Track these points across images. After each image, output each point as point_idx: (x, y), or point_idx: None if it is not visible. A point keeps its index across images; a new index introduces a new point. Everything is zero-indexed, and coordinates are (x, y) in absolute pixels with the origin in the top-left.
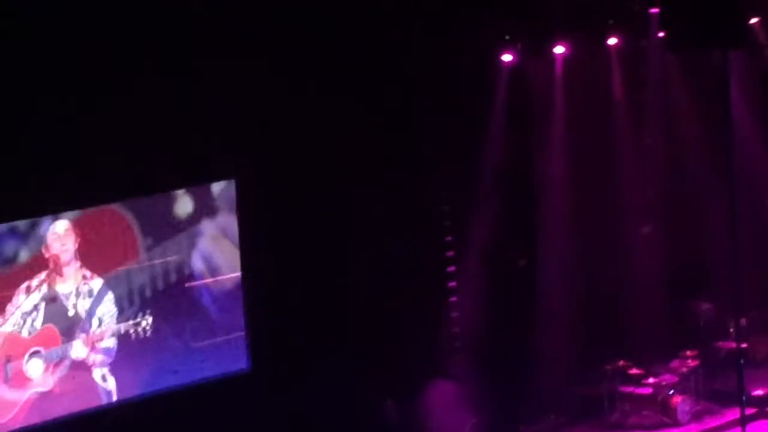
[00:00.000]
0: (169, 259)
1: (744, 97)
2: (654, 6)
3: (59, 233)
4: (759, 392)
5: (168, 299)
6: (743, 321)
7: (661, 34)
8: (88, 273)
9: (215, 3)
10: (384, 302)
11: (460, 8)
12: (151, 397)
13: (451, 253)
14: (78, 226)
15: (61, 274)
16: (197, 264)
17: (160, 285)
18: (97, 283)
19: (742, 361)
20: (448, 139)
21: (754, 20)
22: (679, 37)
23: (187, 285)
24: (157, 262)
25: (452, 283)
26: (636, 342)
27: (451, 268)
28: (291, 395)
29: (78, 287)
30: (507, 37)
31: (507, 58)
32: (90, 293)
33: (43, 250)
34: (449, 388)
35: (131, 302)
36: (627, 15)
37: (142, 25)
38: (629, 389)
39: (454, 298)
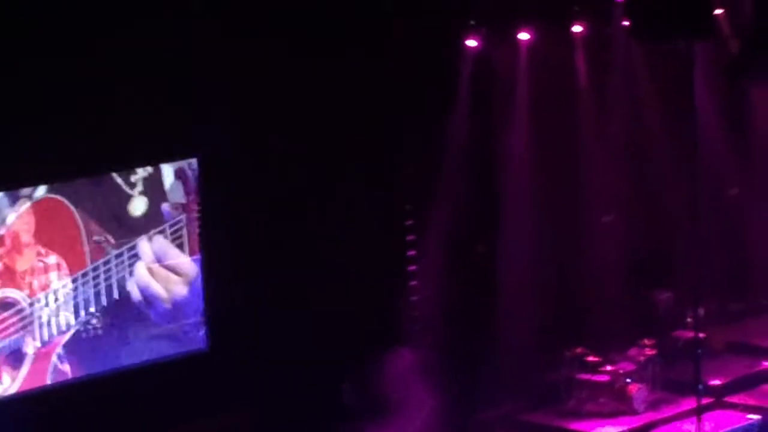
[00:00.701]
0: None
1: (708, 87)
2: None
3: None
4: (716, 382)
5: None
6: (701, 311)
7: (626, 23)
8: (43, 251)
9: None
10: (343, 284)
11: None
12: (108, 376)
13: (411, 237)
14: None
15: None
16: (134, 291)
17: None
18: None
19: (699, 351)
20: (410, 124)
21: (718, 11)
22: (644, 26)
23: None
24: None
25: (412, 267)
26: (594, 330)
27: (412, 252)
28: (249, 376)
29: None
30: (472, 23)
31: (471, 43)
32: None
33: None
34: (406, 369)
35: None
36: (592, 2)
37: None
38: (586, 376)
39: (413, 282)
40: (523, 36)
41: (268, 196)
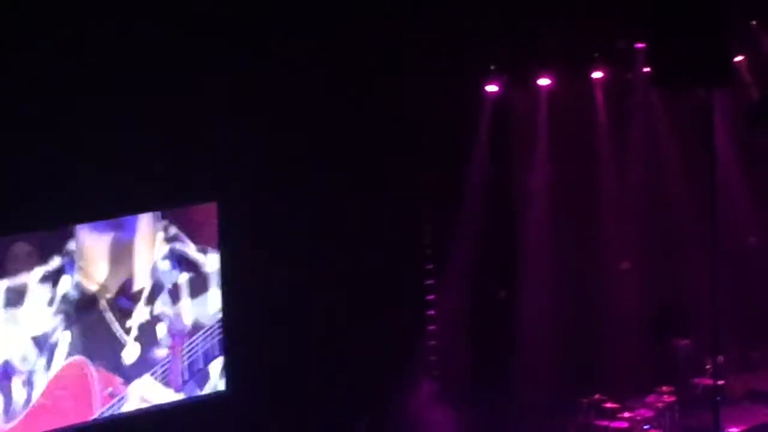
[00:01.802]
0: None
1: (728, 135)
2: (640, 41)
3: None
4: (734, 430)
5: None
6: (720, 358)
7: (646, 69)
8: None
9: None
10: (361, 327)
11: (447, 38)
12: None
13: (430, 281)
14: None
15: None
16: None
17: None
18: None
19: (718, 399)
20: (430, 167)
21: (738, 58)
22: (665, 73)
23: None
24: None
25: (431, 312)
26: (612, 376)
27: (431, 296)
28: (267, 417)
29: None
30: (492, 68)
31: (492, 88)
32: None
33: None
34: (422, 418)
35: None
36: (612, 49)
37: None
38: (604, 423)
39: (432, 327)
40: (543, 81)
41: (287, 240)
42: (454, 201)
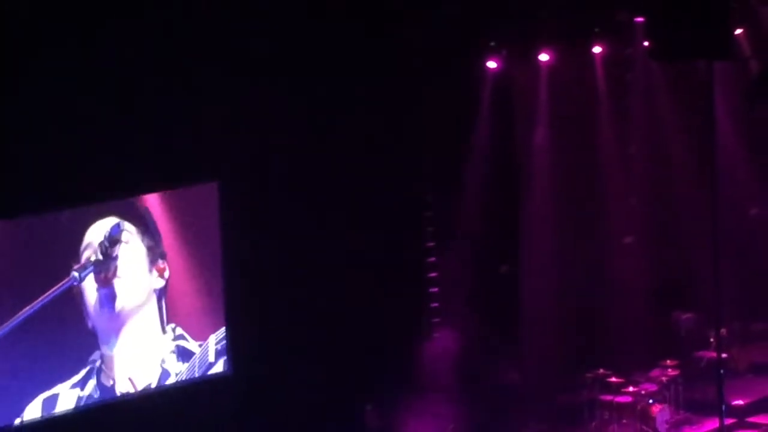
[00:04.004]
0: None
1: (727, 107)
2: (639, 15)
3: None
4: (738, 402)
5: None
6: (723, 331)
7: (645, 43)
8: None
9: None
10: (364, 307)
11: (447, 14)
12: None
13: (432, 259)
14: None
15: None
16: None
17: None
18: None
19: (722, 371)
20: (432, 146)
21: (738, 31)
22: (664, 47)
23: None
24: None
25: (433, 289)
26: (616, 351)
27: (433, 274)
28: (271, 399)
29: None
30: (492, 44)
31: (492, 64)
32: None
33: None
34: (429, 396)
35: None
36: (612, 24)
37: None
38: (609, 398)
39: (434, 304)
40: (544, 57)
41: (288, 224)
42: (456, 178)
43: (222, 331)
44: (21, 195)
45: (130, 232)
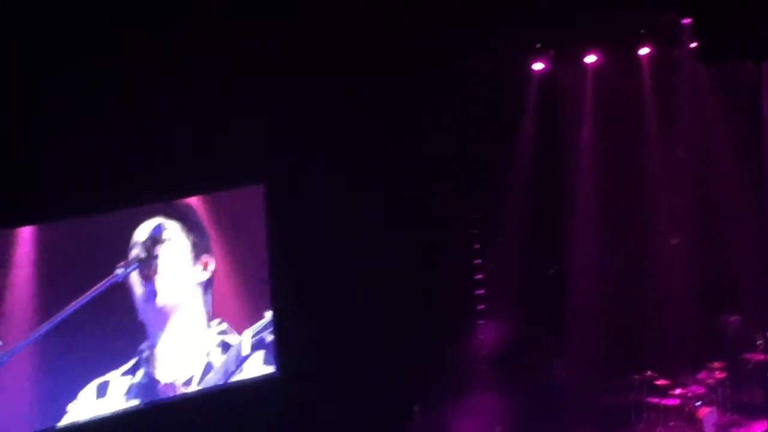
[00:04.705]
0: None
1: None
2: (686, 16)
3: None
4: None
5: None
6: None
7: (693, 45)
8: None
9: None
10: (412, 310)
11: (493, 17)
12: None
13: (478, 261)
14: None
15: None
16: None
17: None
18: None
19: None
20: (478, 147)
21: None
22: (712, 48)
23: None
24: None
25: (480, 291)
26: (663, 353)
27: (480, 275)
28: (317, 400)
29: None
30: (538, 46)
31: (538, 66)
32: None
33: None
34: (476, 397)
35: None
36: (659, 25)
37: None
38: (656, 400)
39: (481, 306)
40: (590, 59)
41: (335, 225)
42: (502, 180)
43: (259, 325)
44: (70, 198)
45: (173, 231)
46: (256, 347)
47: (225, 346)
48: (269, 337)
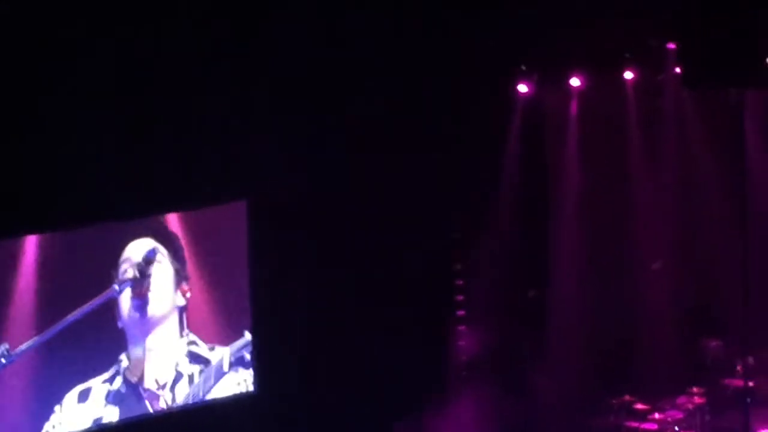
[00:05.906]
0: None
1: (759, 135)
2: (671, 41)
3: None
4: (764, 431)
5: None
6: (751, 359)
7: (677, 70)
8: None
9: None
10: (391, 328)
11: (478, 37)
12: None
13: (460, 282)
14: None
15: None
16: None
17: None
18: None
19: (748, 400)
20: (461, 168)
21: None
22: (696, 73)
23: None
24: None
25: (460, 312)
26: (642, 377)
27: (460, 297)
28: (297, 415)
29: None
30: (523, 68)
31: (523, 88)
32: None
33: None
34: (454, 413)
35: None
36: (644, 49)
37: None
38: (634, 424)
39: (462, 327)
40: (575, 82)
41: (316, 245)
42: (484, 201)
43: (239, 343)
44: (59, 210)
45: (163, 255)
46: (235, 365)
47: (196, 358)
48: (248, 355)
